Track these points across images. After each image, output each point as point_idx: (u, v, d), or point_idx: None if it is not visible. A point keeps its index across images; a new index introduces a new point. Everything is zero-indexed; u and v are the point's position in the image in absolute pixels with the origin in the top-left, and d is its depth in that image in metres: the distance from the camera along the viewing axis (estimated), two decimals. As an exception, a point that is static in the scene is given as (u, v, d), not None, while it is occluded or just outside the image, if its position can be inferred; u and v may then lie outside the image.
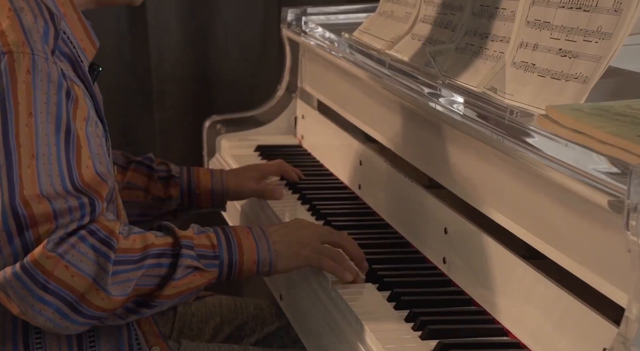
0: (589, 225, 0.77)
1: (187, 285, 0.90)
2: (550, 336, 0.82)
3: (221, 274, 0.92)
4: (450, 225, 1.01)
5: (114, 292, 0.85)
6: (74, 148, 0.85)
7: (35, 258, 0.82)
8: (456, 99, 0.99)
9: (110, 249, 0.85)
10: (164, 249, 0.89)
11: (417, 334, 0.88)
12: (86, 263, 0.83)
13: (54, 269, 0.82)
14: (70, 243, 0.83)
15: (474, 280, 0.96)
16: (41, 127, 0.83)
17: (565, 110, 0.83)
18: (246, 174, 1.27)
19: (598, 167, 0.73)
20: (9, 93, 0.82)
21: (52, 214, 0.82)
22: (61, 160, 0.84)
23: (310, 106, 1.57)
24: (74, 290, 0.83)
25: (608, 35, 0.85)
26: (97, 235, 0.85)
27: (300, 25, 1.55)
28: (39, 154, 0.82)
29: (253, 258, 0.93)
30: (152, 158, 1.22)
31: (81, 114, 0.86)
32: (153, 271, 0.88)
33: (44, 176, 0.82)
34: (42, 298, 0.83)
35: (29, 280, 0.82)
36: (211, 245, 0.92)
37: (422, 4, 1.22)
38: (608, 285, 0.74)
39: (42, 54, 0.84)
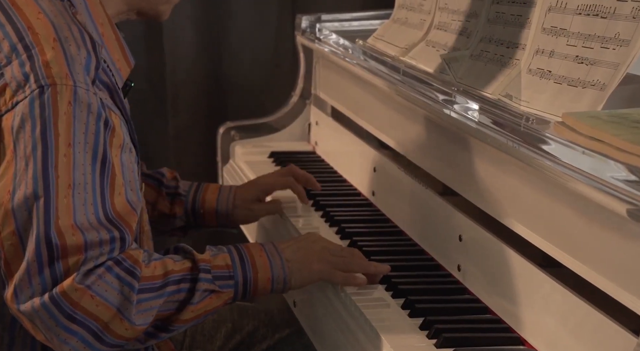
0: (606, 233, 0.76)
1: (204, 309, 0.90)
2: (567, 346, 0.81)
3: (236, 294, 0.93)
4: (465, 232, 1.01)
5: (138, 321, 0.85)
6: (109, 177, 0.86)
7: (64, 289, 0.82)
8: (471, 106, 0.99)
9: (135, 278, 0.85)
10: (184, 275, 0.90)
11: (432, 342, 0.87)
12: (111, 292, 0.84)
13: (81, 300, 0.83)
14: (97, 274, 0.84)
15: (489, 288, 0.95)
16: (78, 157, 0.84)
17: (582, 117, 0.83)
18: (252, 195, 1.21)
19: (616, 175, 0.72)
20: (51, 125, 0.83)
21: (84, 246, 0.83)
22: (96, 189, 0.84)
23: (324, 112, 1.57)
24: (98, 319, 0.84)
25: (626, 42, 0.84)
26: (122, 265, 0.85)
27: (314, 32, 1.56)
28: (75, 184, 0.83)
29: (267, 276, 0.93)
30: (163, 173, 1.21)
31: (117, 142, 0.87)
32: (173, 297, 0.89)
33: (79, 205, 0.83)
34: (68, 327, 0.83)
35: (56, 311, 0.82)
36: (225, 265, 0.92)
37: (437, 11, 1.22)
38: (627, 294, 0.73)
39: (83, 85, 0.85)
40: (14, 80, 0.85)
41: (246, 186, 1.25)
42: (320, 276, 0.97)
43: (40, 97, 0.83)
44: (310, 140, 1.61)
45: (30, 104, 0.83)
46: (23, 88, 0.84)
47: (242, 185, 1.25)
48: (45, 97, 0.83)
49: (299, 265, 0.96)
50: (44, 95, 0.83)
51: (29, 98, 0.83)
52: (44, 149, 0.83)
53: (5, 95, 0.85)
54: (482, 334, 0.89)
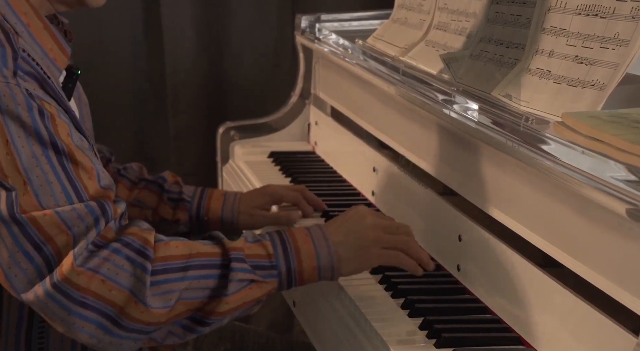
0: (606, 233, 0.76)
1: (243, 300, 0.86)
2: (567, 346, 0.81)
3: (280, 284, 0.88)
4: (464, 232, 1.01)
5: (154, 304, 0.82)
6: (69, 163, 0.82)
7: (64, 275, 0.80)
8: (471, 106, 0.99)
9: (147, 259, 0.82)
10: (211, 260, 0.85)
11: (432, 342, 0.87)
12: (123, 275, 0.81)
13: (90, 284, 0.80)
14: (102, 257, 0.81)
15: (489, 288, 0.95)
16: (24, 151, 0.80)
17: (581, 117, 0.83)
18: (258, 201, 1.18)
19: (615, 175, 0.72)
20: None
21: (62, 223, 0.79)
22: (60, 177, 0.81)
23: (324, 112, 1.57)
24: (113, 303, 0.81)
25: (625, 42, 0.84)
26: (132, 246, 0.83)
27: (314, 32, 1.56)
28: (31, 178, 0.79)
29: (313, 265, 0.89)
30: (164, 178, 1.18)
31: (63, 130, 0.83)
32: (199, 284, 0.84)
33: (46, 195, 0.80)
34: (82, 314, 0.80)
35: (64, 299, 0.80)
36: (267, 254, 0.88)
37: (436, 11, 1.22)
38: (626, 294, 0.73)
39: (1, 78, 0.80)
40: None
41: (253, 192, 1.22)
42: (379, 261, 0.92)
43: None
44: (309, 140, 1.61)
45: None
46: None
47: (249, 192, 1.22)
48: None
49: (350, 252, 0.90)
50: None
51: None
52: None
53: None
54: (482, 334, 0.89)
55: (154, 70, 1.94)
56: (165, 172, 1.21)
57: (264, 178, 1.42)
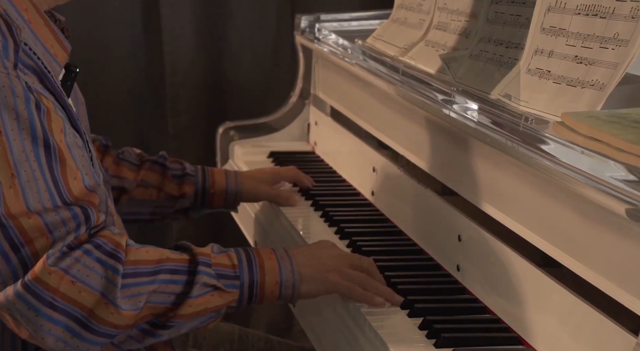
0: (605, 233, 0.76)
1: (204, 305, 0.86)
2: (566, 346, 0.81)
3: (242, 296, 0.89)
4: (464, 232, 1.01)
5: (124, 306, 0.82)
6: (57, 162, 0.81)
7: (36, 274, 0.79)
8: (470, 106, 0.99)
9: (118, 262, 0.82)
10: (180, 265, 0.86)
11: (431, 342, 0.87)
12: (93, 277, 0.81)
13: (59, 285, 0.80)
14: (74, 258, 0.81)
15: (489, 288, 0.95)
16: (15, 145, 0.79)
17: (581, 117, 0.83)
18: (261, 177, 1.26)
19: (615, 175, 0.72)
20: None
21: (45, 228, 0.79)
22: (46, 176, 0.80)
23: (323, 112, 1.57)
24: (82, 306, 0.80)
25: (625, 42, 0.84)
26: (103, 248, 0.83)
27: (313, 32, 1.56)
28: (19, 172, 0.79)
29: (275, 280, 0.90)
30: (165, 157, 1.22)
31: (57, 126, 0.83)
32: (167, 288, 0.85)
33: (31, 193, 0.79)
34: (50, 316, 0.80)
35: (33, 299, 0.79)
36: (231, 264, 0.89)
37: (436, 11, 1.22)
38: (625, 294, 0.73)
39: (2, 69, 0.80)
40: None
41: (252, 170, 1.29)
42: (335, 289, 0.93)
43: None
44: (309, 140, 1.61)
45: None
46: None
47: (248, 170, 1.29)
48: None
49: (311, 272, 0.92)
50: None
51: None
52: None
53: None
54: (481, 334, 0.89)
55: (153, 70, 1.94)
56: (162, 151, 1.23)
57: (264, 178, 1.42)
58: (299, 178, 1.31)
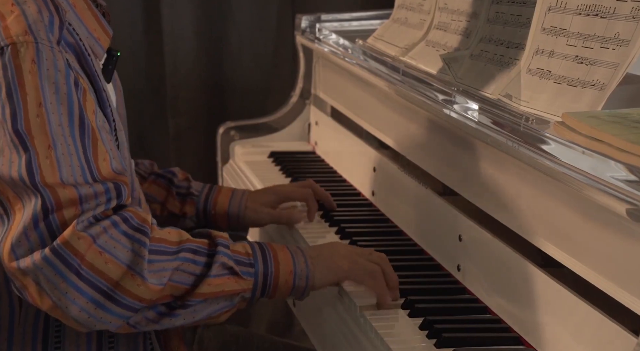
0: (606, 233, 0.76)
1: (221, 287, 0.86)
2: (567, 346, 0.81)
3: (256, 285, 0.88)
4: (464, 232, 1.01)
5: (150, 279, 0.81)
6: (90, 140, 0.82)
7: (65, 238, 0.79)
8: (471, 106, 0.99)
9: (145, 236, 0.83)
10: (200, 246, 0.87)
11: (432, 342, 0.87)
12: (120, 250, 0.81)
13: (87, 252, 0.79)
14: (102, 227, 0.81)
15: (489, 288, 0.95)
16: (53, 118, 0.81)
17: (581, 117, 0.83)
18: (266, 199, 1.19)
19: (616, 175, 0.72)
20: (16, 85, 0.80)
21: (78, 199, 0.80)
22: (79, 152, 0.81)
23: (324, 112, 1.57)
24: (107, 277, 0.80)
25: (626, 42, 0.84)
26: (130, 222, 0.83)
27: (314, 32, 1.56)
28: (56, 145, 0.80)
29: (289, 269, 0.90)
30: (174, 173, 1.19)
31: (90, 107, 0.84)
32: (188, 267, 0.85)
33: (65, 166, 0.80)
34: (76, 285, 0.79)
35: (61, 264, 0.79)
36: (246, 253, 0.89)
37: (436, 11, 1.22)
38: (626, 294, 0.73)
39: (46, 42, 0.82)
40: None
41: (261, 190, 1.22)
42: (347, 275, 0.93)
43: (2, 58, 0.80)
44: (310, 140, 1.61)
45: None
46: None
47: (257, 190, 1.24)
48: (5, 58, 0.80)
49: (323, 262, 0.92)
50: (4, 56, 0.80)
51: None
52: (12, 111, 0.80)
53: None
54: (482, 334, 0.89)
55: (154, 71, 1.94)
56: (175, 167, 1.21)
57: (264, 178, 1.42)
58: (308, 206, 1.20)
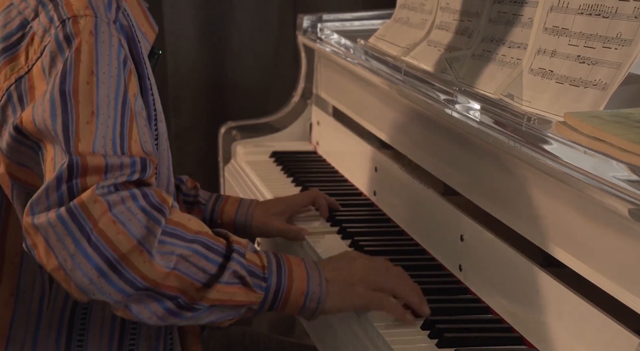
0: (608, 233, 0.76)
1: (230, 296, 0.84)
2: (568, 346, 0.81)
3: (265, 299, 0.87)
4: (466, 232, 1.00)
5: (158, 259, 0.81)
6: (128, 119, 0.84)
7: (82, 200, 0.80)
8: (472, 106, 0.99)
9: (162, 215, 0.82)
10: (216, 244, 0.85)
11: (434, 342, 0.87)
12: (134, 223, 0.80)
13: (100, 218, 0.79)
14: (120, 196, 0.81)
15: (491, 288, 0.95)
16: (102, 87, 0.83)
17: (583, 117, 0.83)
18: (275, 209, 1.16)
19: (618, 175, 0.72)
20: (72, 52, 0.83)
21: (104, 168, 0.81)
22: (116, 126, 0.83)
23: (326, 112, 1.57)
24: (116, 249, 0.79)
25: (628, 42, 0.84)
26: (149, 199, 0.82)
27: (315, 31, 1.56)
28: (99, 113, 0.82)
29: (302, 289, 0.88)
30: (182, 181, 1.18)
31: (132, 89, 0.86)
32: (199, 261, 0.83)
33: (100, 136, 0.82)
34: (85, 250, 0.79)
35: (73, 225, 0.79)
36: (261, 265, 0.87)
37: (438, 11, 1.22)
38: (629, 294, 0.73)
39: (104, 18, 0.86)
40: (40, 27, 0.86)
41: (269, 200, 1.20)
42: (363, 302, 0.90)
43: (63, 30, 0.84)
44: (311, 140, 1.61)
45: (56, 41, 0.84)
46: (49, 32, 0.85)
47: (267, 200, 1.22)
48: (67, 29, 0.84)
49: (339, 288, 0.89)
50: (65, 27, 0.85)
51: (54, 36, 0.84)
52: (62, 73, 0.82)
53: (34, 44, 0.86)
54: (484, 334, 0.89)
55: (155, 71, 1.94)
56: (184, 175, 1.20)
57: (266, 178, 1.42)
58: (318, 206, 1.20)
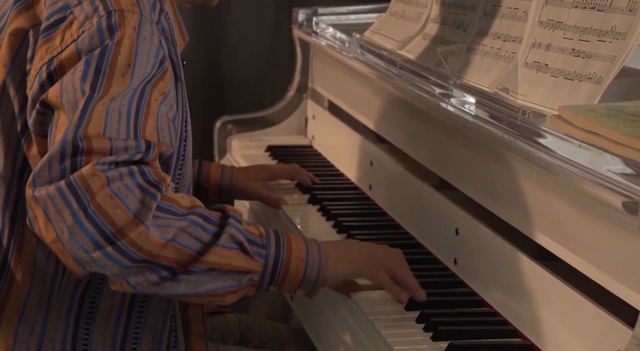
0: (602, 227, 0.77)
1: (228, 260, 0.84)
2: (563, 339, 0.82)
3: (266, 267, 0.86)
4: (461, 226, 1.01)
5: (153, 231, 0.81)
6: (143, 111, 0.85)
7: (81, 173, 0.81)
8: (468, 100, 0.99)
9: (158, 191, 0.83)
10: (212, 215, 0.86)
11: (429, 335, 0.88)
12: (131, 199, 0.81)
13: (98, 192, 0.80)
14: (119, 172, 0.82)
15: (486, 282, 0.96)
16: (134, 82, 0.85)
17: (578, 110, 0.83)
18: (256, 174, 1.26)
19: (612, 168, 0.72)
20: (113, 43, 0.86)
21: (109, 149, 0.83)
22: (130, 116, 0.84)
23: (321, 106, 1.57)
24: (113, 223, 0.81)
25: (622, 35, 0.84)
26: (146, 177, 0.83)
27: (311, 25, 1.55)
28: (117, 98, 0.84)
29: (302, 256, 0.88)
30: None
31: (163, 87, 0.88)
32: (196, 231, 0.84)
33: (112, 122, 0.83)
34: (82, 222, 0.80)
35: (72, 197, 0.80)
36: (259, 234, 0.88)
37: (434, 4, 1.22)
38: (622, 287, 0.74)
39: (148, 17, 0.88)
40: (82, 13, 0.88)
41: (249, 166, 1.29)
42: (361, 272, 0.92)
43: (108, 20, 0.86)
44: (307, 134, 1.61)
45: (98, 28, 0.86)
46: (91, 20, 0.87)
47: (246, 166, 1.29)
48: (112, 20, 0.86)
49: (337, 256, 0.90)
50: (111, 19, 0.86)
51: (97, 23, 0.86)
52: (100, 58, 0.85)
53: (72, 28, 0.87)
54: (478, 327, 0.90)
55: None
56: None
57: (261, 172, 1.42)
58: (297, 175, 1.30)
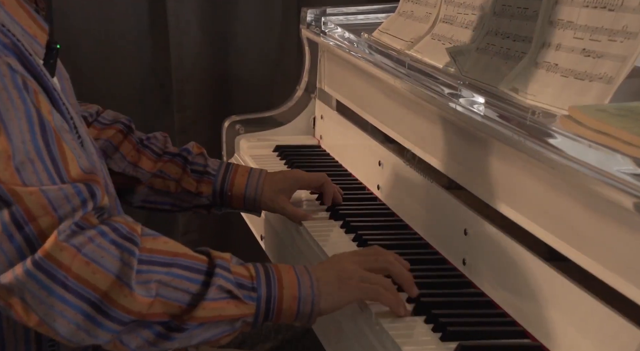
0: (613, 227, 0.76)
1: (219, 311, 0.83)
2: (572, 340, 0.81)
3: (258, 309, 0.85)
4: (470, 226, 1.00)
5: (138, 290, 0.79)
6: (54, 142, 0.79)
7: (46, 250, 0.76)
8: (477, 100, 0.99)
9: (134, 245, 0.80)
10: (196, 263, 0.83)
11: (437, 336, 0.87)
12: (108, 259, 0.78)
13: (72, 263, 0.76)
14: (87, 236, 0.78)
15: (495, 282, 0.95)
16: (11, 125, 0.77)
17: (588, 110, 0.82)
18: (283, 186, 1.16)
19: (622, 168, 0.72)
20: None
21: (49, 204, 0.76)
22: (43, 157, 0.77)
23: (329, 106, 1.57)
24: (96, 288, 0.78)
25: (634, 35, 0.84)
26: (119, 231, 0.81)
27: (319, 25, 1.55)
28: (15, 154, 0.76)
29: (294, 294, 0.86)
30: (189, 150, 1.17)
31: (45, 107, 0.80)
32: (182, 284, 0.82)
33: (29, 174, 0.77)
34: (63, 297, 0.77)
35: (45, 277, 0.76)
36: (249, 275, 0.86)
37: (443, 4, 1.22)
38: (633, 287, 0.73)
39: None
40: None
41: (278, 174, 1.18)
42: (358, 295, 0.90)
43: None
44: (315, 134, 1.61)
45: None
46: None
47: (275, 172, 1.18)
48: None
49: (331, 286, 0.88)
50: None
51: None
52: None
53: None
54: (487, 328, 0.89)
55: (159, 64, 1.94)
56: (190, 143, 1.19)
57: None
58: (325, 190, 1.21)
